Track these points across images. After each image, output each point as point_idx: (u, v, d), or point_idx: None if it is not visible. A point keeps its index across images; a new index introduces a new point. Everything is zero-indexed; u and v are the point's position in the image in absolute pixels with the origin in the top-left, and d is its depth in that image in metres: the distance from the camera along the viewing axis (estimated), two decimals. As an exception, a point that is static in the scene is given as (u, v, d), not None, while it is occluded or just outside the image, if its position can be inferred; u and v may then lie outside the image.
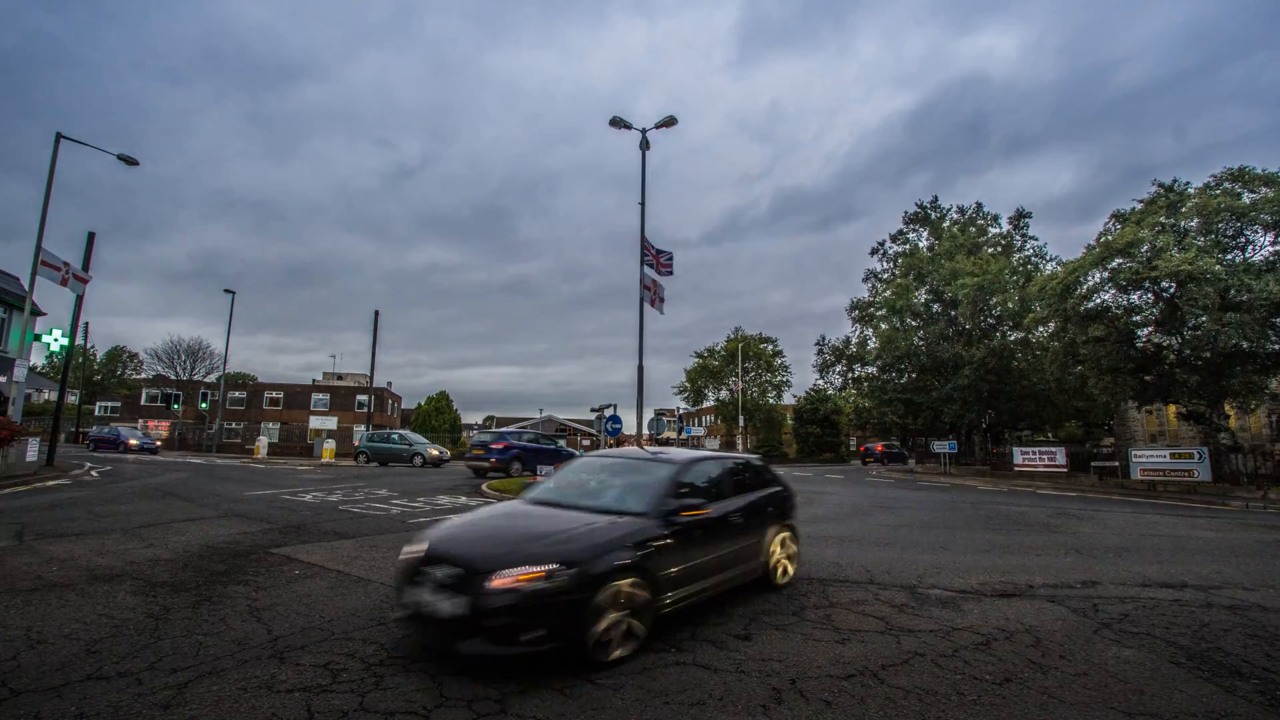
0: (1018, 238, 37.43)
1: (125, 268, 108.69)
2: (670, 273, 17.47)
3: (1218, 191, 21.91)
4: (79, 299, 19.54)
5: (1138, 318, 23.76)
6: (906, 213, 40.84)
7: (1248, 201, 20.80)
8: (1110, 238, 23.20)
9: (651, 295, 17.02)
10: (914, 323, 36.82)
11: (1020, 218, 37.54)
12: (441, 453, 29.68)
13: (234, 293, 36.79)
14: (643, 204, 17.73)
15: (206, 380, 58.79)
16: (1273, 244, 21.26)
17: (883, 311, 37.69)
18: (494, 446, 20.08)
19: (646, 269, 17.22)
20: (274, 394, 59.26)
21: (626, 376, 49.69)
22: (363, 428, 49.74)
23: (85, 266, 19.42)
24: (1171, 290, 21.12)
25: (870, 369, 39.49)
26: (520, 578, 3.57)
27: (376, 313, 36.28)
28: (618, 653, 3.76)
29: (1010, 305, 31.74)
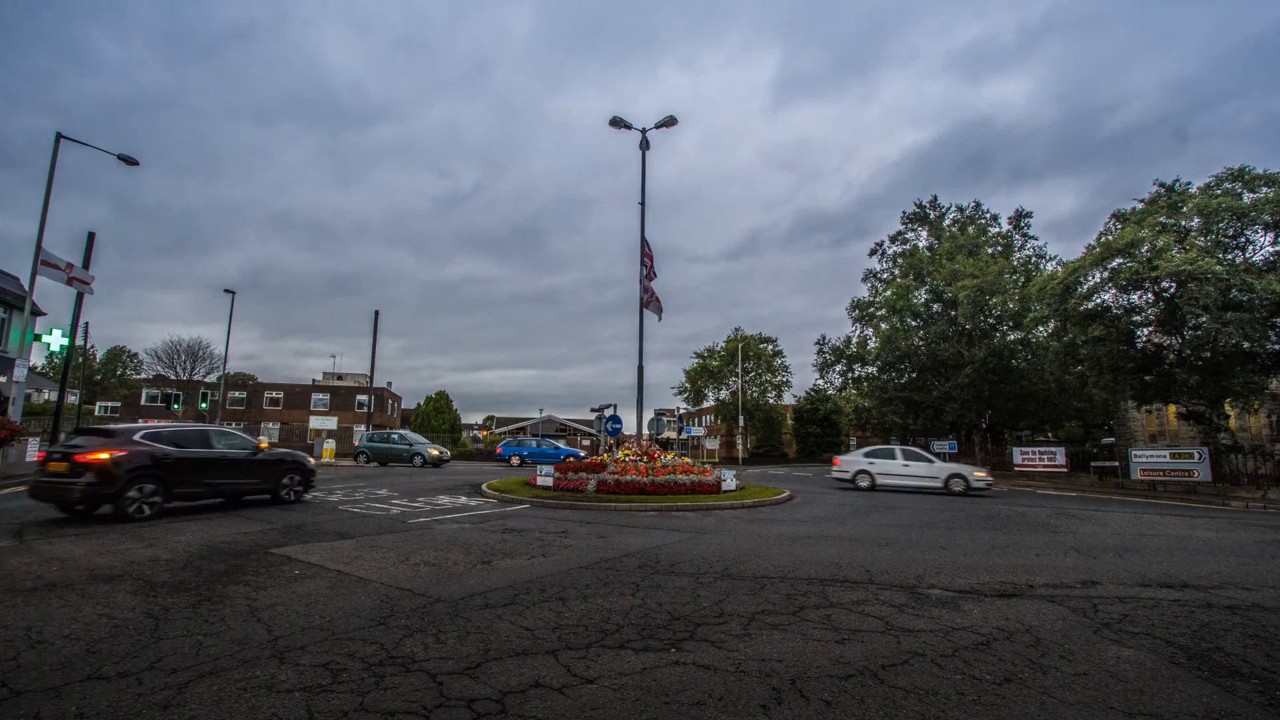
0: (1017, 237, 37.41)
1: (175, 279, 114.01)
2: (654, 275, 17.53)
3: (1218, 192, 21.89)
4: (79, 299, 19.55)
5: (1138, 318, 23.76)
6: (905, 212, 40.78)
7: (1248, 202, 20.79)
8: (1110, 238, 23.20)
9: (648, 298, 17.05)
10: (914, 322, 36.78)
11: (1020, 217, 37.49)
12: (442, 453, 29.55)
13: (234, 293, 36.79)
14: (642, 204, 17.74)
15: (206, 380, 58.76)
16: (1273, 244, 21.27)
17: (883, 311, 37.66)
18: None
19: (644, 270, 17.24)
20: (274, 394, 59.28)
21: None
22: (362, 428, 49.72)
23: (85, 266, 19.42)
24: (1172, 290, 21.12)
25: (870, 369, 39.48)
26: None
27: (376, 313, 36.34)
28: None
29: (1010, 305, 31.73)
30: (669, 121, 17.52)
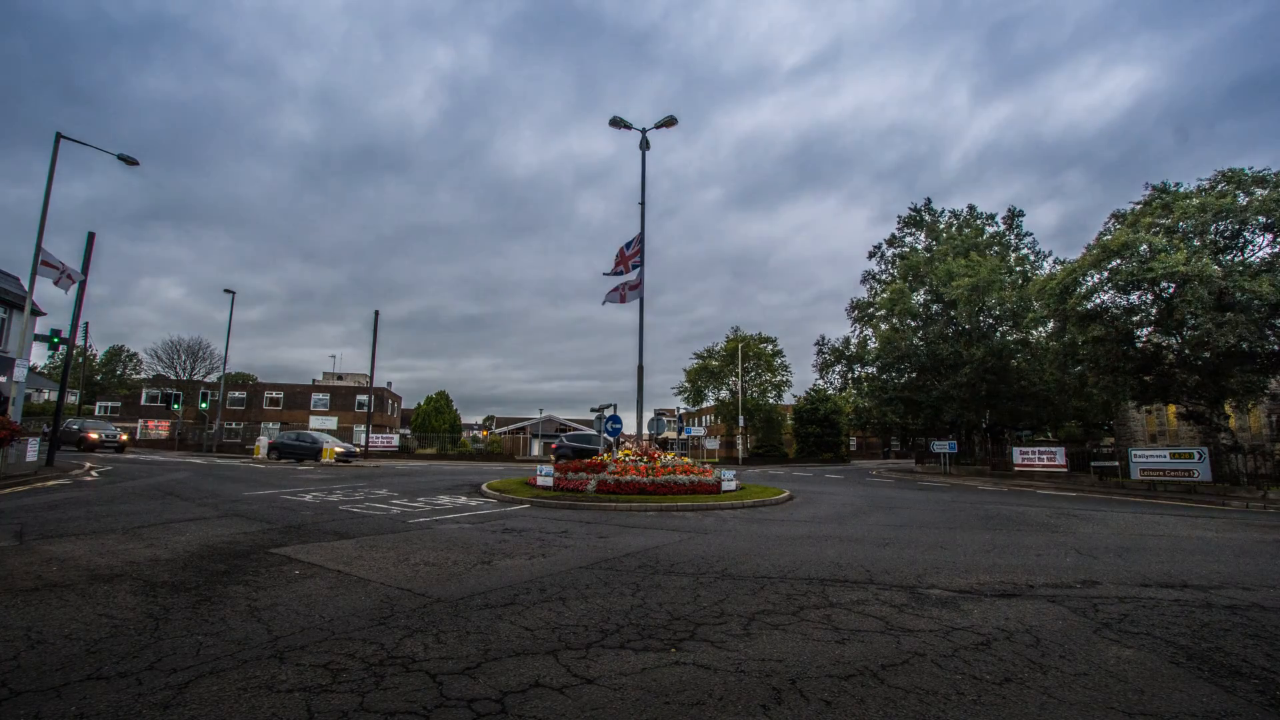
0: (1011, 237, 37.47)
1: (345, 317, 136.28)
2: (632, 269, 17.52)
3: (1213, 193, 21.91)
4: (79, 299, 19.55)
5: (1136, 318, 23.75)
6: (901, 217, 40.85)
7: (1243, 203, 20.80)
8: (1108, 239, 23.20)
9: (621, 292, 17.10)
10: (913, 323, 36.84)
11: (1014, 217, 37.55)
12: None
13: (233, 293, 36.79)
14: (643, 204, 17.74)
15: (206, 380, 58.75)
16: (1270, 245, 21.27)
17: (882, 312, 37.70)
18: None
19: (630, 270, 17.24)
20: (274, 394, 59.29)
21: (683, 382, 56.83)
22: (362, 428, 49.70)
23: (85, 266, 19.43)
24: (1170, 291, 21.13)
25: (870, 369, 39.51)
26: None
27: (376, 313, 36.29)
28: None
29: (1008, 305, 31.78)
30: (669, 121, 17.53)
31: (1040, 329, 30.18)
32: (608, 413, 20.27)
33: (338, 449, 30.10)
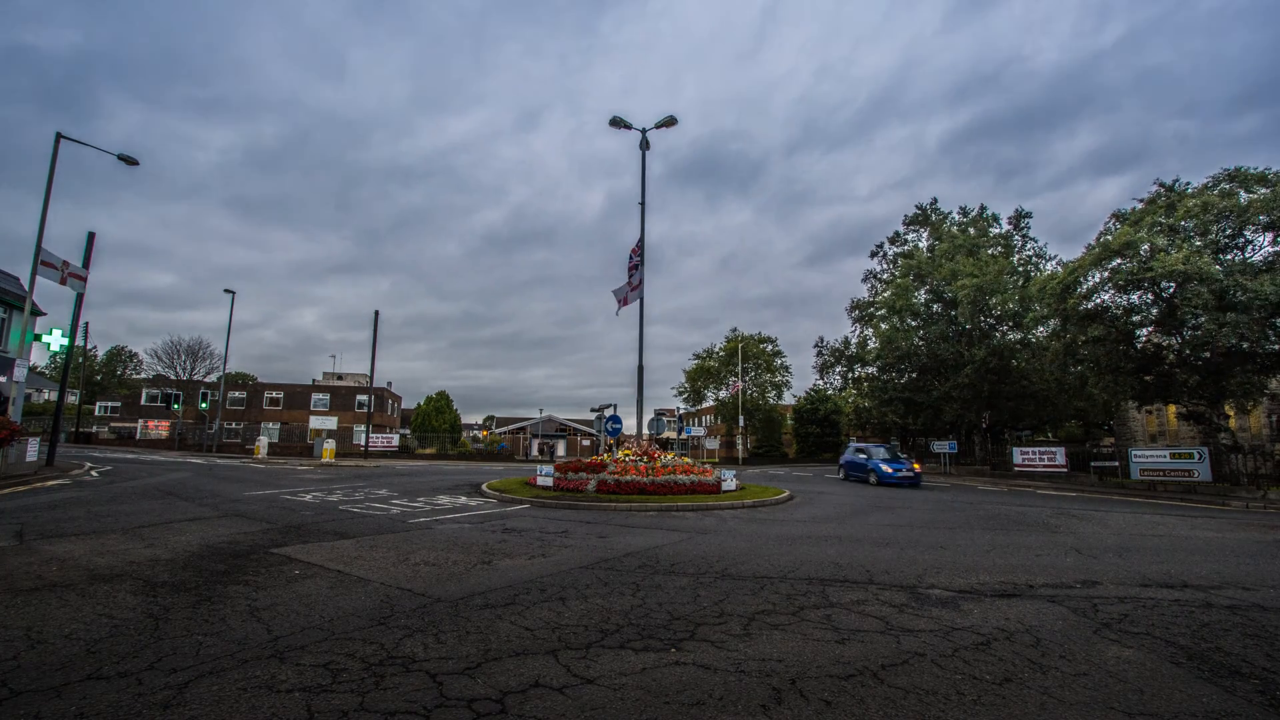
0: (1017, 238, 37.36)
1: (439, 337, 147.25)
2: (637, 274, 17.51)
3: (1215, 192, 21.88)
4: (79, 299, 19.55)
5: (1137, 318, 23.74)
6: (907, 215, 40.76)
7: (1244, 201, 20.77)
8: (1109, 238, 23.18)
9: (624, 297, 17.12)
10: (914, 323, 36.76)
11: (1020, 218, 37.45)
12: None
13: (234, 293, 36.79)
14: (643, 204, 17.74)
15: (206, 380, 58.77)
16: (1271, 244, 21.24)
17: (883, 312, 37.64)
18: None
19: (635, 272, 17.21)
20: (274, 394, 59.22)
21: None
22: (362, 428, 49.74)
23: (85, 265, 19.43)
24: (1170, 290, 21.12)
25: (870, 369, 39.46)
26: None
27: (376, 313, 36.27)
28: None
29: (1010, 305, 31.72)
30: (669, 121, 17.54)
31: (1041, 329, 30.15)
32: (608, 413, 20.28)
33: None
